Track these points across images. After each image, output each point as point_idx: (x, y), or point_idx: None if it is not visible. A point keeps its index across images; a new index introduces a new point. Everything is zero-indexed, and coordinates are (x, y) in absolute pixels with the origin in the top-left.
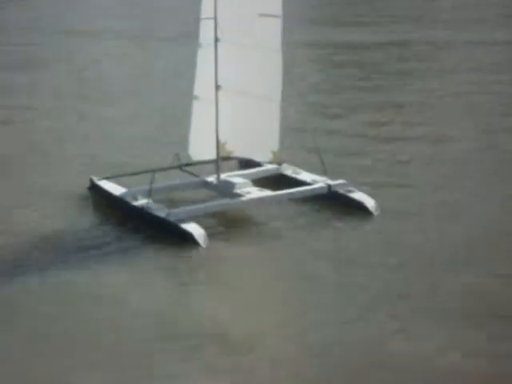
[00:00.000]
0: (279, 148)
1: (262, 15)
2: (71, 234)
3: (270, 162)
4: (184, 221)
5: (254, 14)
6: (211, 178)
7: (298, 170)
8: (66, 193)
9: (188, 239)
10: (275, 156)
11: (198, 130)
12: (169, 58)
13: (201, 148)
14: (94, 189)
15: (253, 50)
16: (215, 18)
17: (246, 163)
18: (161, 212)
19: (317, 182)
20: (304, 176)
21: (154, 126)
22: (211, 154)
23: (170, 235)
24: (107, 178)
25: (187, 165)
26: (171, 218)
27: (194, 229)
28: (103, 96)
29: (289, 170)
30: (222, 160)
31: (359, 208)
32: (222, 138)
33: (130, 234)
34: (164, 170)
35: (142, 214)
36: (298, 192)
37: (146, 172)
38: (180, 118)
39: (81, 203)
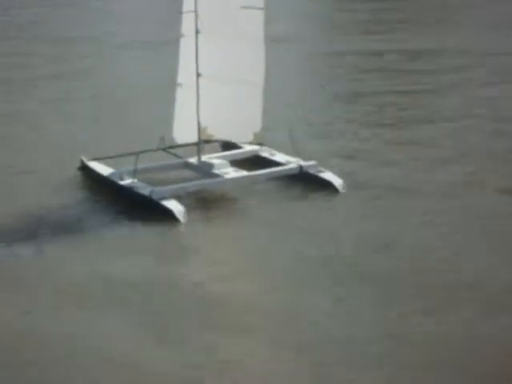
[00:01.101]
0: (261, 129)
1: (244, 7)
2: (61, 208)
3: (251, 143)
4: (165, 198)
5: (236, 6)
6: (192, 160)
7: (274, 152)
8: (58, 173)
9: (169, 215)
10: (256, 137)
11: (181, 115)
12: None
13: (184, 132)
14: (84, 169)
15: (234, 38)
16: (195, 11)
17: (228, 146)
18: (144, 190)
19: (290, 163)
20: (279, 157)
21: (141, 112)
22: (193, 138)
23: (152, 212)
24: (97, 159)
25: (171, 147)
26: (154, 196)
27: (174, 205)
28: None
29: (265, 153)
30: (204, 143)
31: (328, 187)
32: (203, 123)
33: (116, 210)
34: (149, 151)
35: (127, 193)
36: (271, 172)
37: (132, 154)
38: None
39: (72, 182)
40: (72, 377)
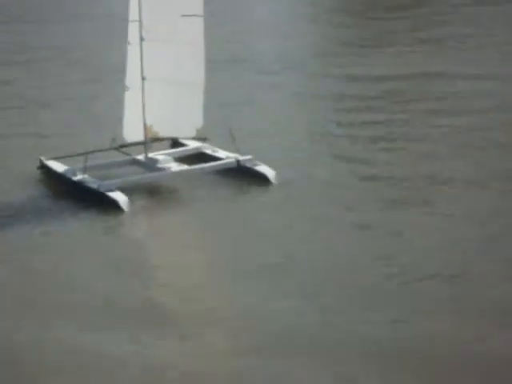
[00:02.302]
0: (202, 125)
1: (184, 16)
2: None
3: (194, 138)
4: (112, 190)
5: (177, 15)
6: (140, 157)
7: (216, 149)
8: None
9: (114, 206)
10: (198, 132)
11: (129, 115)
12: None
13: (132, 131)
14: (43, 168)
15: (176, 44)
16: (140, 21)
17: (176, 144)
18: (93, 184)
19: (229, 158)
20: (220, 154)
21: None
22: (141, 136)
23: (100, 203)
24: (54, 159)
25: (122, 146)
26: (101, 189)
27: (118, 196)
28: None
29: (208, 150)
30: (152, 141)
31: (262, 178)
32: (149, 121)
33: (69, 203)
34: (102, 151)
35: (78, 187)
36: (211, 166)
37: (86, 153)
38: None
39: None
40: None
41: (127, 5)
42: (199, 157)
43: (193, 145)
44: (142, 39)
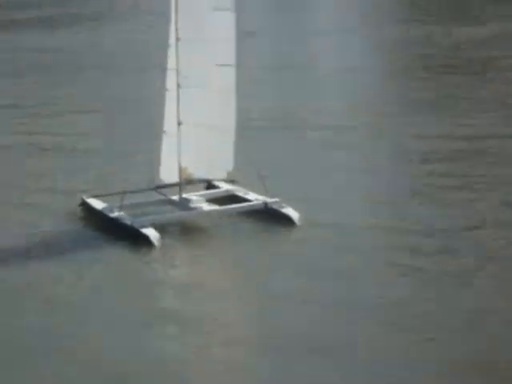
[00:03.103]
0: (233, 168)
1: (218, 65)
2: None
3: (225, 180)
4: (145, 227)
5: (212, 64)
6: (175, 197)
7: (247, 191)
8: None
9: (146, 241)
10: (229, 175)
11: (166, 158)
12: None
13: (168, 172)
14: (84, 205)
15: (210, 91)
16: (177, 69)
17: (210, 186)
18: (128, 221)
19: (258, 200)
20: (250, 196)
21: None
22: (176, 178)
23: (133, 238)
24: (94, 197)
25: (158, 187)
26: (135, 225)
27: (150, 232)
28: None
29: (240, 192)
30: (186, 183)
31: (288, 220)
32: (183, 164)
33: (105, 237)
34: (139, 191)
35: (115, 223)
36: (240, 207)
37: (123, 193)
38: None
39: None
40: None
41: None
42: (231, 198)
43: (225, 187)
44: (178, 86)
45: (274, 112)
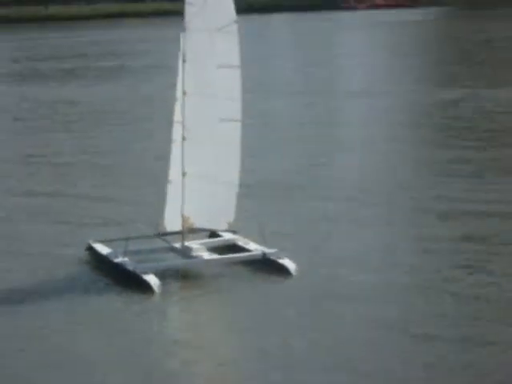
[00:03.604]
0: (233, 220)
1: (223, 120)
2: (67, 280)
3: (226, 230)
4: (146, 273)
5: (216, 118)
6: (177, 245)
7: (248, 241)
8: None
9: (147, 287)
10: (230, 225)
11: (170, 207)
12: None
13: (172, 221)
14: (90, 250)
15: (215, 145)
16: (183, 122)
17: (213, 235)
18: (130, 266)
19: (257, 250)
20: (250, 246)
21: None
22: (179, 226)
23: (135, 284)
24: (100, 242)
25: (162, 234)
26: (137, 271)
27: (151, 279)
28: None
29: (241, 242)
30: (188, 232)
31: (284, 270)
32: (186, 213)
33: (108, 281)
34: (143, 237)
35: (118, 268)
36: (239, 257)
37: (128, 239)
38: None
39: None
40: None
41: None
42: (232, 248)
43: (227, 236)
44: (183, 138)
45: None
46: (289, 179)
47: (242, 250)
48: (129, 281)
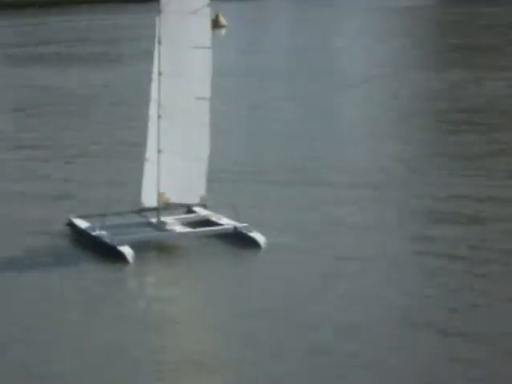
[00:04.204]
0: (204, 194)
1: (198, 98)
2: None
3: (198, 204)
4: (121, 245)
5: (191, 97)
6: (153, 219)
7: (221, 217)
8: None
9: (122, 257)
10: (201, 199)
11: (147, 183)
12: None
13: (149, 197)
14: (70, 225)
15: (188, 124)
16: (158, 101)
17: (190, 211)
18: (107, 239)
19: (229, 224)
20: (223, 221)
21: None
22: (155, 202)
23: (112, 255)
24: (80, 217)
25: (141, 210)
26: (113, 243)
27: (126, 250)
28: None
29: (214, 217)
30: (164, 207)
31: (254, 243)
32: (162, 189)
33: (87, 254)
34: (122, 213)
35: (96, 241)
36: (211, 230)
37: (107, 215)
38: None
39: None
40: None
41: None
42: (206, 223)
43: (203, 213)
44: (159, 117)
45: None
46: (266, 163)
47: (215, 224)
48: (105, 252)
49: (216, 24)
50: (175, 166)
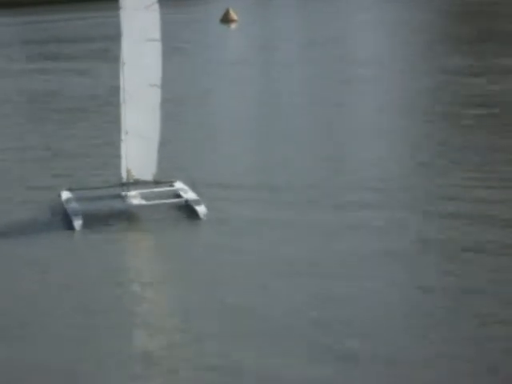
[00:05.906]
0: (155, 172)
1: (152, 86)
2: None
3: (152, 181)
4: (76, 215)
5: (146, 84)
6: (123, 193)
7: (187, 191)
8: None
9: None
10: (154, 176)
11: (123, 161)
12: None
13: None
14: (59, 196)
15: (141, 108)
16: (122, 86)
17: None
18: (69, 209)
19: (183, 197)
20: (189, 195)
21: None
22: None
23: (65, 224)
24: (68, 190)
25: (123, 184)
26: (68, 211)
27: (76, 219)
28: None
29: (181, 191)
30: (133, 183)
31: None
32: (129, 166)
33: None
34: (106, 187)
35: (65, 212)
36: (165, 203)
37: (90, 188)
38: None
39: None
40: None
41: None
42: (170, 197)
43: (171, 188)
44: (124, 101)
45: None
46: None
47: (174, 198)
48: (63, 222)
49: (227, 18)
50: (136, 145)
